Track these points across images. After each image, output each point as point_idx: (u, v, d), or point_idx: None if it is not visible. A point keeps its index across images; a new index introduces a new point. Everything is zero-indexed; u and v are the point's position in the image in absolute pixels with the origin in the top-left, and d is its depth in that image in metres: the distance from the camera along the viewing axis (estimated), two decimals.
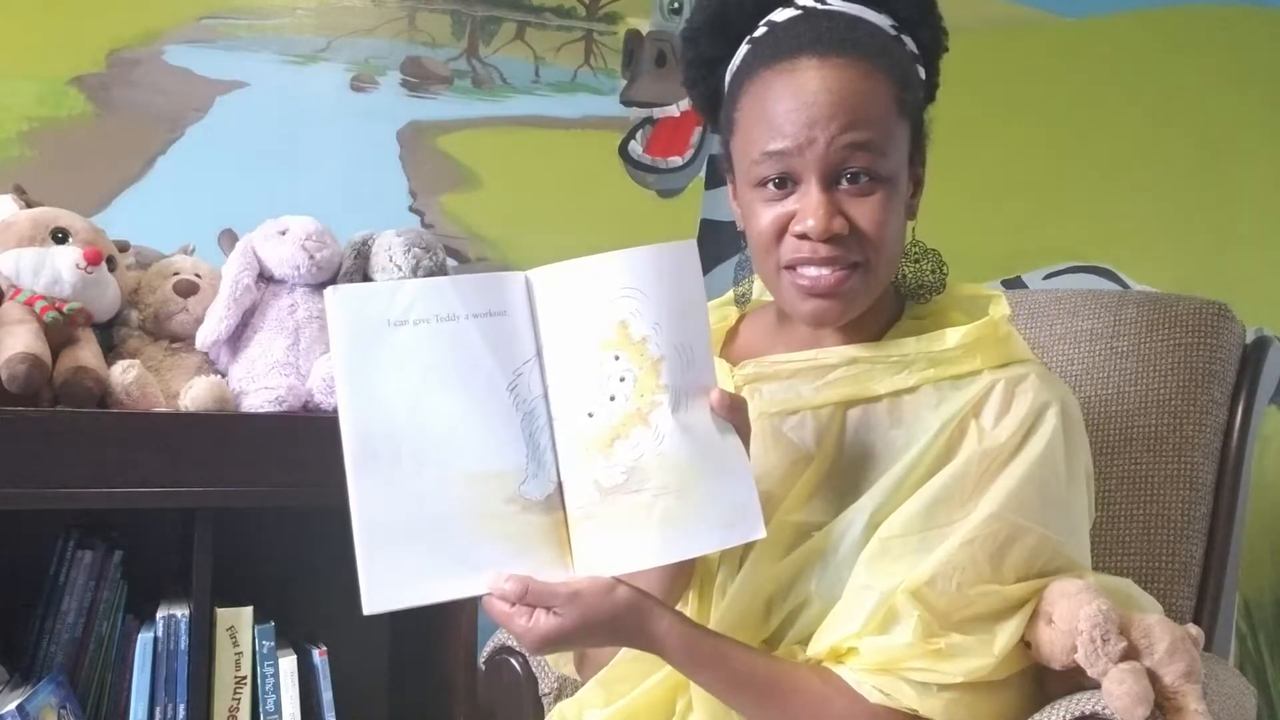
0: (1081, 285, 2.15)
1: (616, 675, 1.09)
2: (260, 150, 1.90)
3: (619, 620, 0.95)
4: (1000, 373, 1.06)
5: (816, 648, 1.02)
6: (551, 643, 0.94)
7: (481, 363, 0.95)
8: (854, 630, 0.99)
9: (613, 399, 0.94)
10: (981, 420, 1.05)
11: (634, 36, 2.11)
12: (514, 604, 0.93)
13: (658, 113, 2.11)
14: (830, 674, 1.00)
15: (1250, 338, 1.44)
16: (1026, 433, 1.03)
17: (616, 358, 0.94)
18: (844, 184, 1.03)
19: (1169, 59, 2.33)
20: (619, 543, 0.93)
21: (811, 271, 1.04)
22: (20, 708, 1.32)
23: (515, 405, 0.95)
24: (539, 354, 0.96)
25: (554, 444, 0.95)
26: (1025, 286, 2.21)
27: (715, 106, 1.15)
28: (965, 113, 2.22)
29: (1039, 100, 2.27)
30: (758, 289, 1.22)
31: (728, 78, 1.12)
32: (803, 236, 1.02)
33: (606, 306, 0.94)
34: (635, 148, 2.10)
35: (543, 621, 0.93)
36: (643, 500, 0.93)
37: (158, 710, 1.41)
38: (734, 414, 0.96)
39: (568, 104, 2.07)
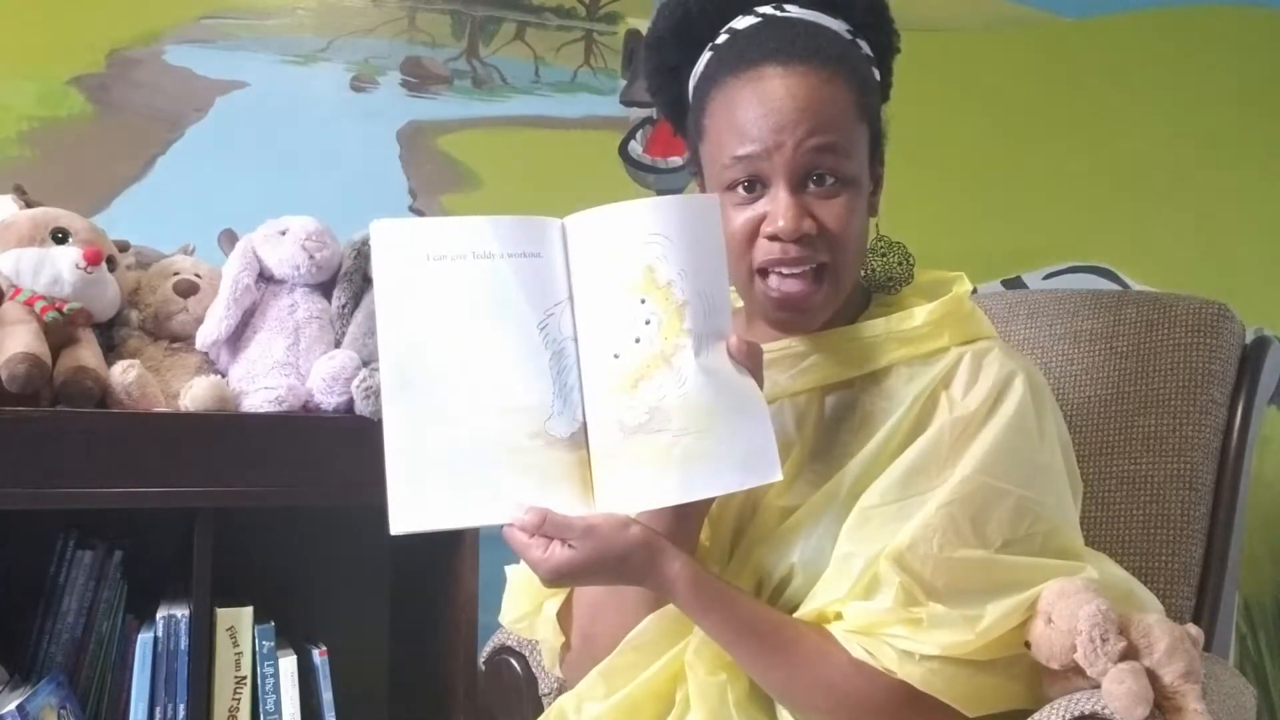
0: (1081, 285, 2.15)
1: (617, 666, 1.10)
2: (260, 150, 1.90)
3: (631, 557, 0.97)
4: (966, 347, 1.10)
5: (803, 613, 1.05)
6: (564, 575, 0.97)
7: (514, 300, 0.97)
8: (839, 596, 1.02)
9: (638, 341, 0.96)
10: (951, 391, 1.08)
11: (634, 36, 2.11)
12: (532, 535, 0.95)
13: (657, 113, 2.11)
14: (826, 630, 1.03)
15: (1250, 338, 1.44)
16: (995, 400, 1.07)
17: (642, 301, 0.97)
18: (811, 187, 1.06)
19: (1169, 59, 2.33)
20: (640, 481, 0.96)
21: (784, 273, 1.07)
22: (20, 708, 1.32)
23: (545, 344, 0.97)
24: (571, 297, 0.99)
25: (581, 384, 0.98)
26: (1025, 286, 2.22)
27: (680, 112, 1.19)
28: (965, 112, 2.23)
29: (1039, 100, 2.27)
30: None
31: (691, 84, 1.16)
32: (774, 238, 1.06)
33: (634, 251, 0.97)
34: (635, 148, 2.11)
35: (557, 553, 0.95)
36: (664, 440, 0.95)
37: (158, 710, 1.41)
38: (750, 360, 0.99)
39: (568, 104, 2.07)
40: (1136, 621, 1.01)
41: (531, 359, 0.97)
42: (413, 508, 0.95)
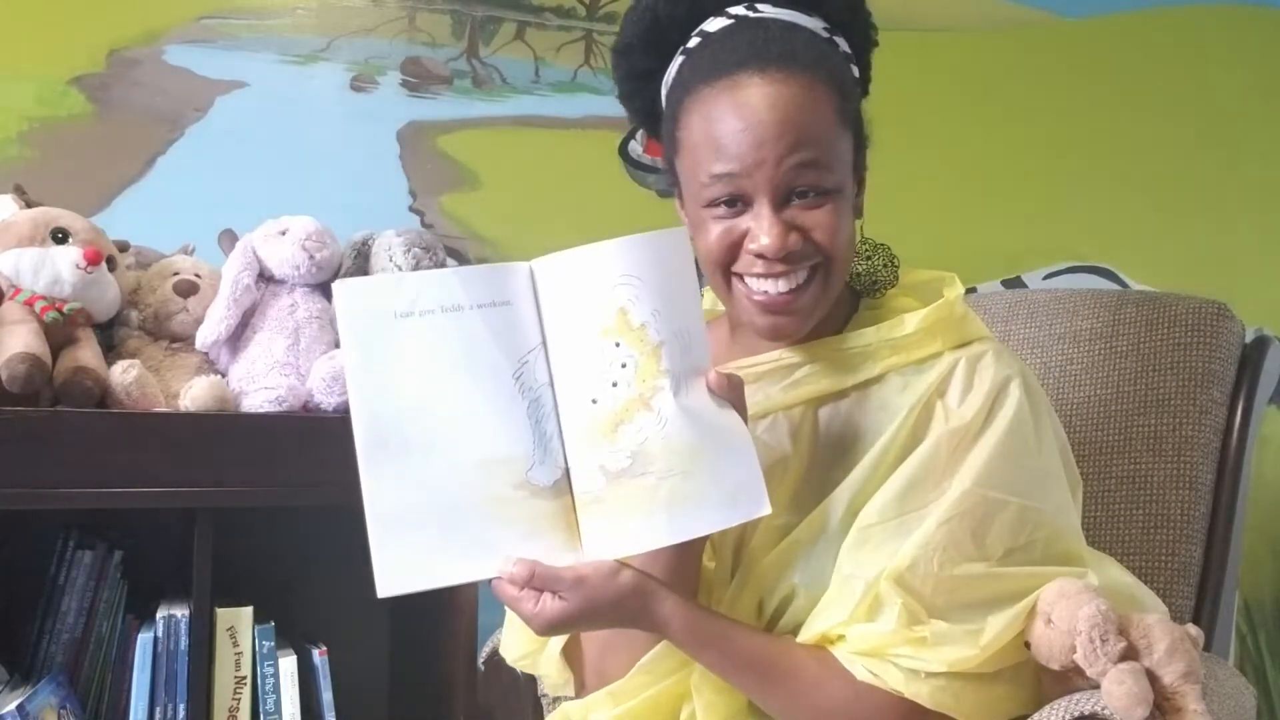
0: (1081, 285, 2.15)
1: (626, 688, 1.10)
2: (260, 150, 1.90)
3: (623, 603, 0.96)
4: (960, 352, 1.08)
5: (806, 636, 1.04)
6: (557, 626, 0.96)
7: (487, 352, 0.96)
8: (842, 619, 1.01)
9: (615, 385, 0.95)
10: (947, 400, 1.06)
11: None
12: (522, 588, 0.94)
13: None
14: (827, 655, 1.02)
15: (1250, 338, 1.44)
16: (991, 408, 1.05)
17: (617, 344, 0.96)
18: (795, 200, 1.03)
19: (1169, 59, 2.33)
20: (627, 526, 0.95)
21: (765, 285, 1.04)
22: (20, 708, 1.32)
23: (521, 393, 0.96)
24: (544, 343, 0.98)
25: (560, 430, 0.97)
26: (1025, 286, 2.21)
27: (653, 119, 1.15)
28: (965, 113, 2.23)
29: (1039, 100, 2.27)
30: (709, 300, 1.22)
31: (664, 90, 1.12)
32: (759, 255, 1.03)
33: (606, 294, 0.96)
34: (635, 148, 2.10)
35: (549, 605, 0.94)
36: (648, 483, 0.94)
37: (158, 710, 1.41)
38: (732, 393, 0.98)
39: (568, 104, 2.07)
40: (1136, 622, 1.01)
41: (508, 410, 0.96)
42: (398, 569, 0.93)
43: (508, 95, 2.05)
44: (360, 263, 1.60)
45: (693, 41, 1.09)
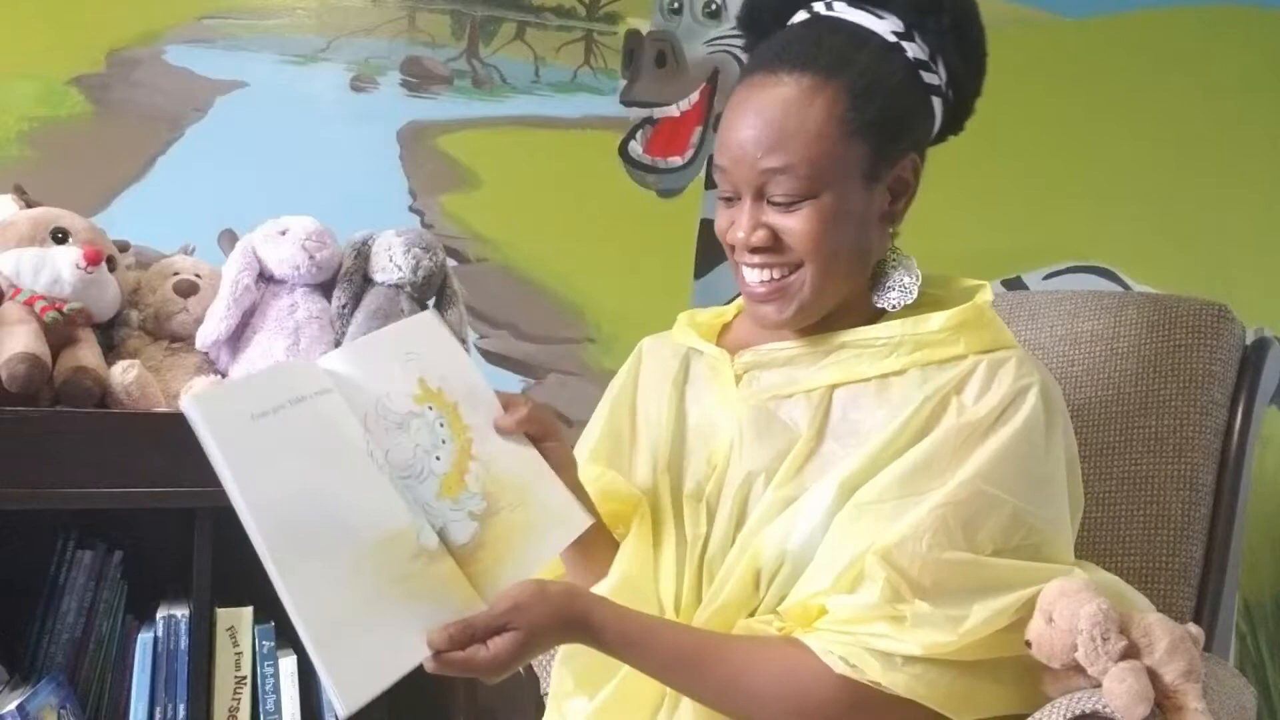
0: (1081, 285, 2.15)
1: (590, 672, 1.11)
2: (260, 150, 1.91)
3: (562, 612, 0.97)
4: (984, 355, 1.09)
5: (788, 604, 1.04)
6: (516, 657, 0.95)
7: (339, 434, 0.96)
8: (824, 587, 1.01)
9: (444, 442, 1.02)
10: (963, 397, 1.07)
11: (634, 36, 2.11)
12: (465, 647, 0.93)
13: (658, 113, 2.11)
14: (797, 642, 1.01)
15: (1250, 338, 1.44)
16: (1006, 409, 1.06)
17: (430, 408, 1.03)
18: (770, 201, 1.07)
19: (1169, 59, 2.34)
20: (513, 558, 1.00)
21: (750, 274, 1.10)
22: (20, 708, 1.32)
23: (379, 467, 0.97)
24: (365, 423, 0.98)
25: (421, 494, 0.98)
26: (1025, 286, 2.22)
27: None
28: None
29: (1039, 100, 2.27)
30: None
31: None
32: (731, 245, 1.10)
33: (401, 369, 1.03)
34: (635, 148, 2.11)
35: (499, 643, 0.93)
36: (506, 516, 1.02)
37: (158, 710, 1.41)
38: (519, 426, 1.06)
39: (568, 104, 2.07)
40: (1137, 620, 1.01)
41: (379, 485, 0.96)
42: (354, 677, 0.90)
43: (508, 95, 2.05)
44: (360, 263, 1.60)
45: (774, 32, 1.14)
